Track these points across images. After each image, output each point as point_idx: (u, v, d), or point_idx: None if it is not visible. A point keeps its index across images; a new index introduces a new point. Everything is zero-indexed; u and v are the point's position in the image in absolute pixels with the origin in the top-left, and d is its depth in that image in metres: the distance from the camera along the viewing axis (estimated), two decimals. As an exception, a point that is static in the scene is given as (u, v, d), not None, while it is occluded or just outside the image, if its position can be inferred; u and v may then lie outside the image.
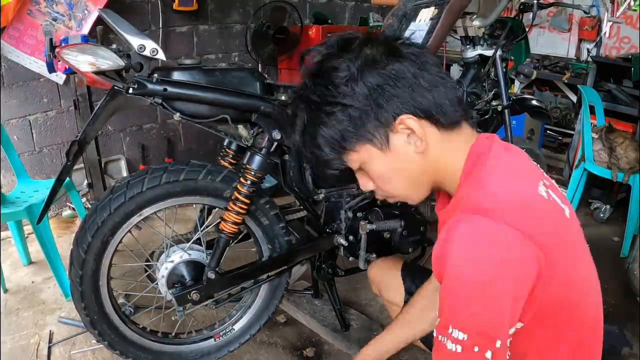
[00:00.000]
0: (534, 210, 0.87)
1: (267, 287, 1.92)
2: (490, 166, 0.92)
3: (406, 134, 0.94)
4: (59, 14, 2.90)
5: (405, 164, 0.98)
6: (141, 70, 1.47)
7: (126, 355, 1.78)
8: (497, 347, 0.84)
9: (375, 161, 0.98)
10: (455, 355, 0.86)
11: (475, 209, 0.85)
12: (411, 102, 0.92)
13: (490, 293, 0.83)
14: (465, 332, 0.84)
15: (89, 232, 1.55)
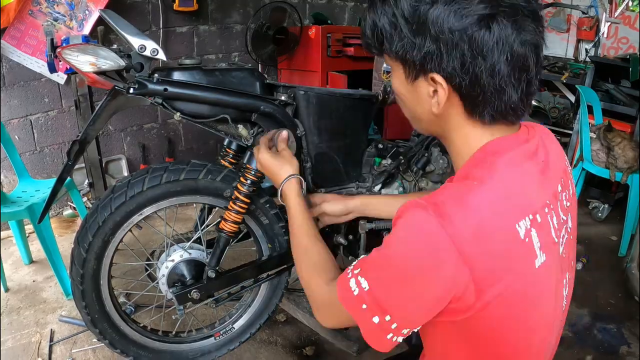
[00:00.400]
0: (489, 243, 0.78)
1: (267, 286, 1.92)
2: (492, 173, 0.83)
3: (432, 89, 0.86)
4: (60, 15, 2.91)
5: (417, 105, 0.92)
6: (142, 70, 1.47)
7: (127, 354, 1.77)
8: (386, 320, 0.83)
9: (398, 79, 0.92)
10: (350, 293, 0.88)
11: (436, 205, 0.79)
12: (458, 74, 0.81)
13: (399, 274, 0.81)
14: (369, 285, 0.85)
15: (89, 231, 1.55)
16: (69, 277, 1.72)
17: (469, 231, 0.77)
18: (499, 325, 0.84)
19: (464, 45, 0.79)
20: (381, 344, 0.87)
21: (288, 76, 4.21)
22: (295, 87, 1.69)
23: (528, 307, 0.84)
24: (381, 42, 0.88)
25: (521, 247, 0.80)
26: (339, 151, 1.83)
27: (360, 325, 0.88)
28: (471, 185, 0.82)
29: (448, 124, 0.90)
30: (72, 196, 2.68)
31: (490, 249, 0.78)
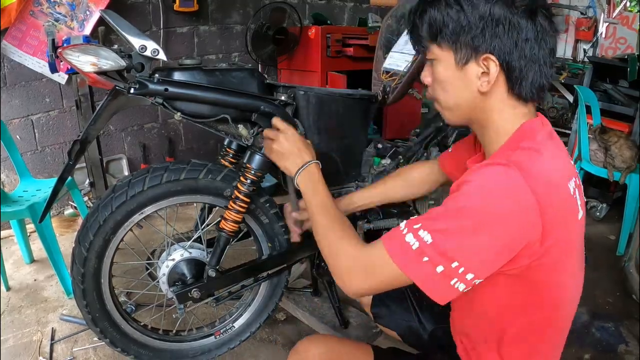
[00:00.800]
0: (554, 195, 0.92)
1: (267, 285, 1.92)
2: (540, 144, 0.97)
3: (482, 70, 1.00)
4: (61, 15, 2.91)
5: (463, 90, 1.04)
6: (142, 71, 1.47)
7: (127, 353, 1.78)
8: (452, 267, 0.90)
9: (445, 67, 1.04)
10: (407, 247, 0.94)
11: (513, 162, 0.91)
12: (508, 53, 0.97)
13: (476, 225, 0.89)
14: (433, 238, 0.92)
15: (90, 230, 1.55)
16: (70, 276, 1.71)
17: (542, 183, 0.91)
18: (551, 271, 0.97)
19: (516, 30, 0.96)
20: (444, 293, 0.94)
21: (288, 76, 4.22)
22: (295, 87, 1.69)
23: (571, 253, 1.01)
24: (439, 31, 1.01)
25: (572, 201, 0.98)
26: (339, 151, 1.84)
27: (417, 278, 0.94)
28: (532, 153, 0.95)
29: (490, 104, 1.03)
30: (73, 195, 2.68)
31: (555, 200, 0.92)
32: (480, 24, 0.97)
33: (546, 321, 1.07)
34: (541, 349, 1.11)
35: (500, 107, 1.03)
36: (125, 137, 3.57)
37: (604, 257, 3.01)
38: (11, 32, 2.81)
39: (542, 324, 1.07)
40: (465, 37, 0.99)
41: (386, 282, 1.01)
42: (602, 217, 3.49)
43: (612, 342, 2.25)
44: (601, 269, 2.87)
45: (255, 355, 2.09)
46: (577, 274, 1.08)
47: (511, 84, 1.00)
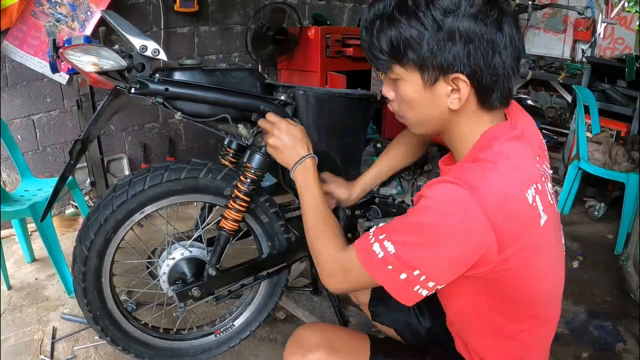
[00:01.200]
0: (509, 209, 0.93)
1: (267, 284, 1.93)
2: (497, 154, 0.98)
3: (452, 88, 0.99)
4: (62, 15, 2.92)
5: (432, 108, 1.04)
6: (143, 71, 1.47)
7: (128, 351, 1.79)
8: (414, 274, 0.96)
9: (412, 87, 1.02)
10: (373, 256, 1.01)
11: (464, 181, 0.93)
12: (479, 69, 0.95)
13: (431, 240, 0.94)
14: (396, 249, 0.97)
15: (91, 229, 1.56)
16: (71, 275, 1.71)
17: (494, 201, 0.92)
18: (516, 274, 1.00)
19: (487, 46, 0.94)
20: (408, 297, 1.00)
21: (288, 76, 4.22)
22: (294, 87, 1.69)
23: (537, 257, 1.01)
24: (398, 54, 0.98)
25: (531, 210, 0.97)
26: (338, 150, 1.84)
27: (384, 283, 1.01)
28: (486, 166, 0.96)
29: (460, 117, 1.04)
30: (74, 195, 2.68)
31: (510, 214, 0.93)
32: (449, 45, 0.93)
33: (525, 317, 1.10)
34: (528, 343, 1.14)
35: (468, 119, 1.04)
36: (126, 136, 3.57)
37: (602, 256, 3.01)
38: (12, 32, 2.81)
39: (521, 320, 1.10)
40: (434, 59, 0.95)
41: (361, 284, 1.12)
42: (601, 217, 3.50)
43: (610, 340, 2.26)
44: (599, 268, 2.88)
45: (255, 353, 2.09)
46: (550, 271, 1.10)
47: (481, 99, 1.00)
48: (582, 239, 3.23)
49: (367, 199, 1.92)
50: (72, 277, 1.64)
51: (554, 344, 2.14)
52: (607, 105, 3.65)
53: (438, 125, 1.08)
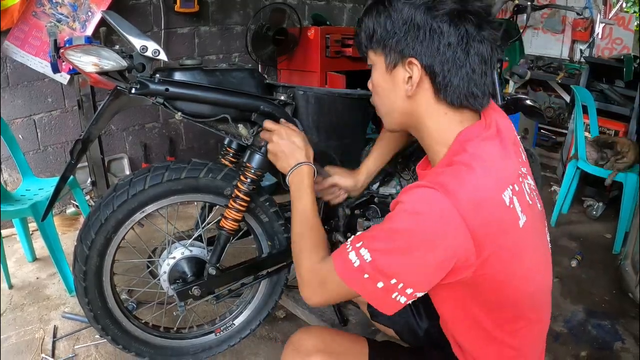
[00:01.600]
0: (486, 212, 0.93)
1: (267, 283, 1.94)
2: (472, 157, 0.98)
3: (408, 74, 1.03)
4: (63, 16, 2.92)
5: (393, 94, 1.09)
6: (143, 71, 1.47)
7: (129, 350, 1.79)
8: (391, 283, 0.96)
9: (378, 72, 1.10)
10: (349, 265, 1.00)
11: (440, 185, 0.93)
12: (429, 57, 0.99)
13: (407, 246, 0.93)
14: (372, 257, 0.97)
15: (92, 229, 1.56)
16: (72, 274, 1.71)
17: (471, 204, 0.92)
18: (497, 276, 0.99)
19: (437, 34, 0.98)
20: (386, 305, 1.00)
21: (287, 76, 4.23)
22: (294, 87, 1.70)
23: (517, 258, 1.01)
24: (371, 37, 1.07)
25: (508, 212, 0.97)
26: (338, 150, 1.85)
27: (361, 292, 1.00)
28: (461, 169, 0.96)
29: (420, 109, 1.06)
30: (75, 194, 2.69)
31: (486, 217, 0.93)
32: (404, 29, 1.00)
33: (514, 319, 1.10)
34: (521, 344, 1.14)
35: (431, 113, 1.06)
36: (127, 136, 3.58)
37: (600, 255, 3.02)
38: (14, 32, 2.82)
39: (510, 322, 1.10)
40: (391, 41, 1.03)
41: (338, 295, 1.11)
42: (599, 216, 3.50)
43: (609, 339, 2.27)
44: (597, 268, 2.88)
45: (255, 352, 2.10)
46: (535, 272, 1.09)
47: (436, 89, 1.02)
48: (581, 238, 3.24)
49: (367, 199, 1.93)
50: (73, 276, 1.65)
51: (553, 343, 2.17)
52: (605, 105, 3.66)
53: (402, 116, 1.10)
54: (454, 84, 1.00)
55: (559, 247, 3.11)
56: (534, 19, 4.35)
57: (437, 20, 0.97)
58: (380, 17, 1.04)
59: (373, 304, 1.00)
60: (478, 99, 1.03)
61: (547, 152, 4.64)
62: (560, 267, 2.87)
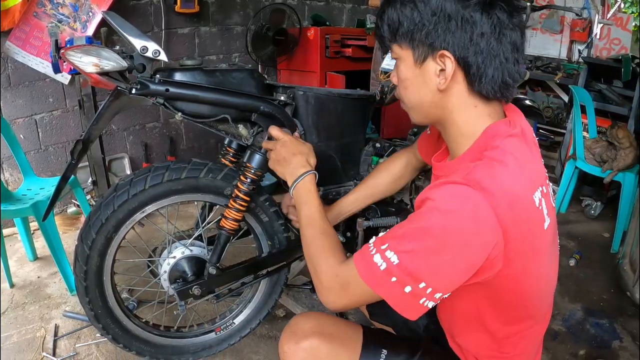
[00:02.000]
0: (518, 211, 0.91)
1: (267, 282, 1.94)
2: (505, 153, 0.95)
3: (439, 67, 0.99)
4: (64, 16, 2.93)
5: (423, 88, 1.04)
6: (144, 71, 1.48)
7: (129, 349, 1.80)
8: (420, 287, 0.92)
9: (406, 66, 1.05)
10: (375, 268, 0.96)
11: (474, 182, 0.90)
12: (463, 49, 0.95)
13: (439, 246, 0.90)
14: (400, 259, 0.92)
15: (93, 228, 1.57)
16: (72, 274, 1.71)
17: (504, 201, 0.89)
18: (516, 277, 0.98)
19: (469, 24, 0.94)
20: (413, 311, 0.96)
21: (287, 76, 4.24)
22: (294, 87, 1.71)
23: (537, 259, 1.01)
24: (396, 30, 1.02)
25: (537, 213, 0.96)
26: (337, 150, 1.86)
27: (387, 297, 0.96)
28: (494, 165, 0.94)
29: (451, 102, 1.02)
30: (76, 194, 2.69)
31: (518, 215, 0.92)
32: (433, 20, 0.96)
33: (522, 318, 1.10)
34: (522, 343, 1.15)
35: (461, 106, 1.02)
36: (127, 136, 3.58)
37: (598, 254, 3.03)
38: (15, 33, 2.82)
39: (518, 321, 1.10)
40: (419, 34, 0.98)
41: (361, 299, 1.05)
42: (597, 215, 3.51)
43: (607, 338, 2.27)
44: (595, 267, 2.89)
45: (255, 351, 2.10)
46: (548, 271, 1.10)
47: (470, 81, 0.99)
48: (579, 237, 3.25)
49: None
50: (74, 275, 1.65)
51: (551, 342, 2.18)
52: (603, 105, 3.66)
53: (431, 109, 1.06)
54: (488, 75, 0.97)
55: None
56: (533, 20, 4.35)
57: (469, 10, 0.93)
58: (405, 8, 0.98)
59: (398, 309, 0.96)
60: (510, 89, 1.01)
61: (545, 152, 4.64)
62: (559, 266, 2.86)
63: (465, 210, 0.89)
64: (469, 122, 1.03)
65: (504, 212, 0.89)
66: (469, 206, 0.89)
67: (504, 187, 0.90)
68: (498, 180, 0.91)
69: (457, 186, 0.91)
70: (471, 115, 1.02)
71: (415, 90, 1.06)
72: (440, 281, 0.92)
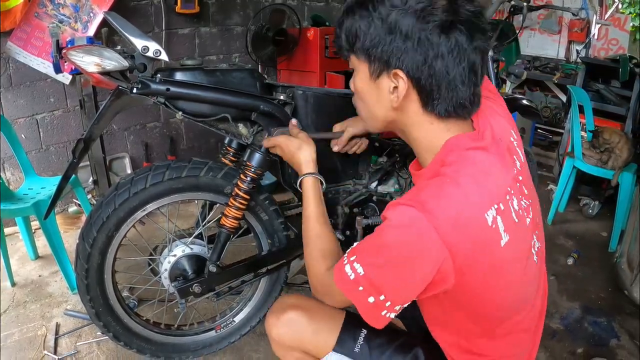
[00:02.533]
0: (465, 230, 0.91)
1: (267, 280, 1.95)
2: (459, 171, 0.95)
3: (393, 85, 0.99)
4: (65, 17, 2.94)
5: (377, 103, 1.05)
6: (145, 71, 1.49)
7: (130, 346, 1.81)
8: (380, 299, 0.97)
9: (362, 78, 1.05)
10: (346, 277, 1.00)
11: (420, 204, 0.92)
12: (417, 70, 0.94)
13: (391, 260, 0.94)
14: (364, 271, 0.97)
15: (94, 227, 1.58)
16: (74, 272, 1.73)
17: (449, 222, 0.90)
18: (476, 290, 0.99)
19: (426, 46, 0.92)
20: (377, 321, 1.01)
21: (287, 76, 4.24)
22: (293, 87, 1.71)
23: (496, 274, 0.98)
24: (354, 43, 1.01)
25: (489, 232, 0.93)
26: (336, 149, 1.87)
27: (356, 305, 1.00)
28: (444, 183, 0.94)
29: (407, 119, 1.03)
30: (77, 193, 2.70)
31: (465, 235, 0.91)
32: (389, 38, 0.94)
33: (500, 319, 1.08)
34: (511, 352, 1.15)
35: (417, 123, 1.03)
36: (128, 136, 3.59)
37: (596, 253, 3.03)
38: (16, 33, 2.83)
39: (497, 322, 1.09)
40: (375, 50, 0.97)
41: (342, 303, 1.16)
42: (595, 215, 3.51)
43: (605, 336, 2.28)
44: (594, 265, 2.90)
45: (255, 349, 2.11)
46: (519, 286, 1.06)
47: (424, 101, 0.98)
48: (577, 236, 3.25)
49: (365, 197, 1.94)
50: (75, 273, 1.66)
51: (549, 340, 2.19)
52: (601, 105, 3.67)
53: (386, 123, 1.08)
54: (442, 97, 0.96)
55: (556, 246, 3.12)
56: (531, 20, 4.35)
57: (426, 32, 0.92)
58: (363, 21, 0.98)
59: (365, 318, 1.01)
60: (467, 109, 1.00)
61: (543, 152, 4.65)
62: (557, 265, 2.88)
63: (411, 230, 0.91)
64: (427, 137, 1.04)
65: (448, 232, 0.89)
66: (414, 227, 0.91)
67: (449, 208, 0.91)
68: (444, 201, 0.92)
69: (404, 208, 0.93)
70: (429, 131, 1.03)
71: (370, 104, 1.07)
72: (396, 293, 0.96)
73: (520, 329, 1.13)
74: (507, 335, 1.11)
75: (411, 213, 0.91)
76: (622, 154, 3.06)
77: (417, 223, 0.90)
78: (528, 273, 1.07)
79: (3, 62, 2.88)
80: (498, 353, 1.14)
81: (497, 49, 2.33)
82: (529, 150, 2.87)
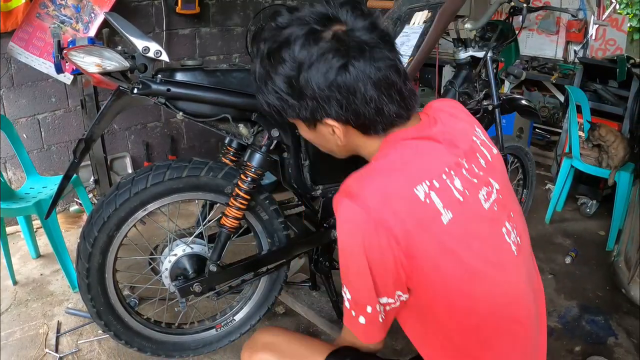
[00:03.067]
0: (394, 205, 0.91)
1: (267, 279, 1.96)
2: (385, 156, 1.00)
3: (330, 129, 1.03)
4: (67, 17, 2.94)
5: (327, 143, 1.11)
6: (145, 71, 1.49)
7: (131, 345, 1.81)
8: (369, 312, 0.97)
9: (303, 129, 1.11)
10: (345, 307, 1.03)
11: (344, 191, 0.96)
12: (341, 114, 0.98)
13: (354, 266, 0.95)
14: (350, 294, 1.00)
15: (95, 226, 1.58)
16: (75, 271, 1.72)
17: (376, 198, 0.92)
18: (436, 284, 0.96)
19: (335, 93, 0.95)
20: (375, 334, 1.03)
21: (287, 76, 4.24)
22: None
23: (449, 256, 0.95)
24: (277, 111, 1.06)
25: (424, 207, 0.93)
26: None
27: (357, 335, 1.04)
28: (368, 165, 1.00)
29: (356, 145, 1.08)
30: (78, 192, 2.70)
31: (396, 209, 0.91)
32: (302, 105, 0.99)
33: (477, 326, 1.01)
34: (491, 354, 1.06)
35: (365, 143, 1.07)
36: (129, 135, 3.59)
37: (593, 252, 3.04)
38: (18, 34, 2.84)
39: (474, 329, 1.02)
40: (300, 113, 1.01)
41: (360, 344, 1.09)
42: (592, 214, 3.51)
43: (602, 334, 2.29)
44: (591, 264, 2.90)
45: (255, 347, 2.11)
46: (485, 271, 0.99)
47: (362, 130, 1.03)
48: (575, 235, 3.26)
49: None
50: (76, 272, 1.67)
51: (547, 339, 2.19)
52: (598, 105, 3.67)
53: (345, 152, 1.13)
54: (375, 120, 0.99)
55: (554, 245, 3.13)
56: (529, 21, 4.35)
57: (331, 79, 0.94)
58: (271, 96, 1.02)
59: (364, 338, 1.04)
60: (403, 117, 1.02)
61: (541, 151, 4.65)
62: (555, 263, 2.89)
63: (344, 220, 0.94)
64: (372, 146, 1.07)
65: (378, 207, 0.90)
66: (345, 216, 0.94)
67: (373, 186, 0.93)
68: (366, 182, 0.94)
69: (335, 200, 0.97)
70: (375, 143, 1.06)
71: (322, 145, 1.14)
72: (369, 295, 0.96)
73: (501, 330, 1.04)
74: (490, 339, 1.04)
75: (338, 202, 0.95)
76: (618, 153, 3.07)
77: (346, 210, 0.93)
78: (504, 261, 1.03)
79: (5, 63, 2.89)
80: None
81: (496, 49, 2.34)
82: (528, 150, 2.87)
